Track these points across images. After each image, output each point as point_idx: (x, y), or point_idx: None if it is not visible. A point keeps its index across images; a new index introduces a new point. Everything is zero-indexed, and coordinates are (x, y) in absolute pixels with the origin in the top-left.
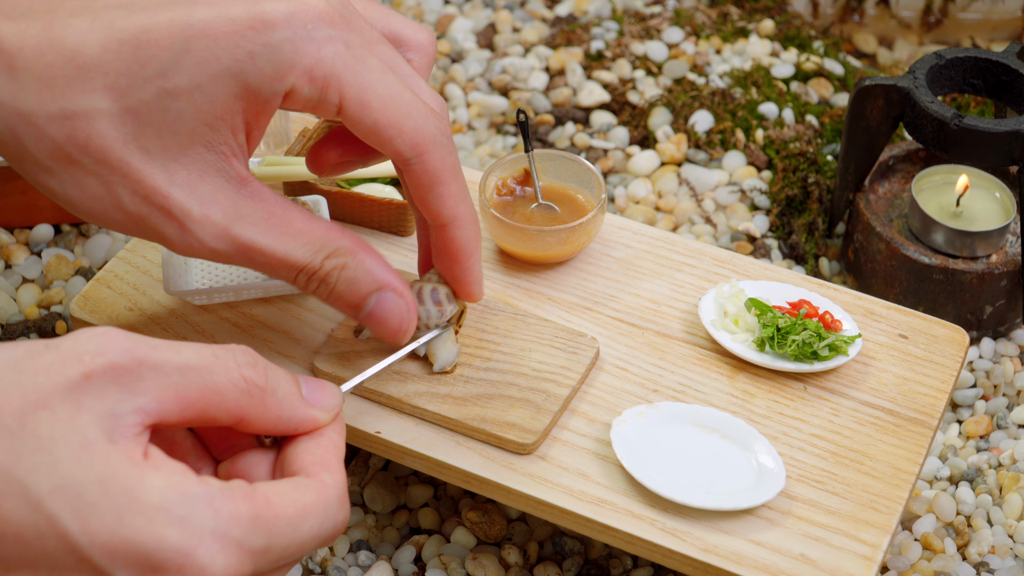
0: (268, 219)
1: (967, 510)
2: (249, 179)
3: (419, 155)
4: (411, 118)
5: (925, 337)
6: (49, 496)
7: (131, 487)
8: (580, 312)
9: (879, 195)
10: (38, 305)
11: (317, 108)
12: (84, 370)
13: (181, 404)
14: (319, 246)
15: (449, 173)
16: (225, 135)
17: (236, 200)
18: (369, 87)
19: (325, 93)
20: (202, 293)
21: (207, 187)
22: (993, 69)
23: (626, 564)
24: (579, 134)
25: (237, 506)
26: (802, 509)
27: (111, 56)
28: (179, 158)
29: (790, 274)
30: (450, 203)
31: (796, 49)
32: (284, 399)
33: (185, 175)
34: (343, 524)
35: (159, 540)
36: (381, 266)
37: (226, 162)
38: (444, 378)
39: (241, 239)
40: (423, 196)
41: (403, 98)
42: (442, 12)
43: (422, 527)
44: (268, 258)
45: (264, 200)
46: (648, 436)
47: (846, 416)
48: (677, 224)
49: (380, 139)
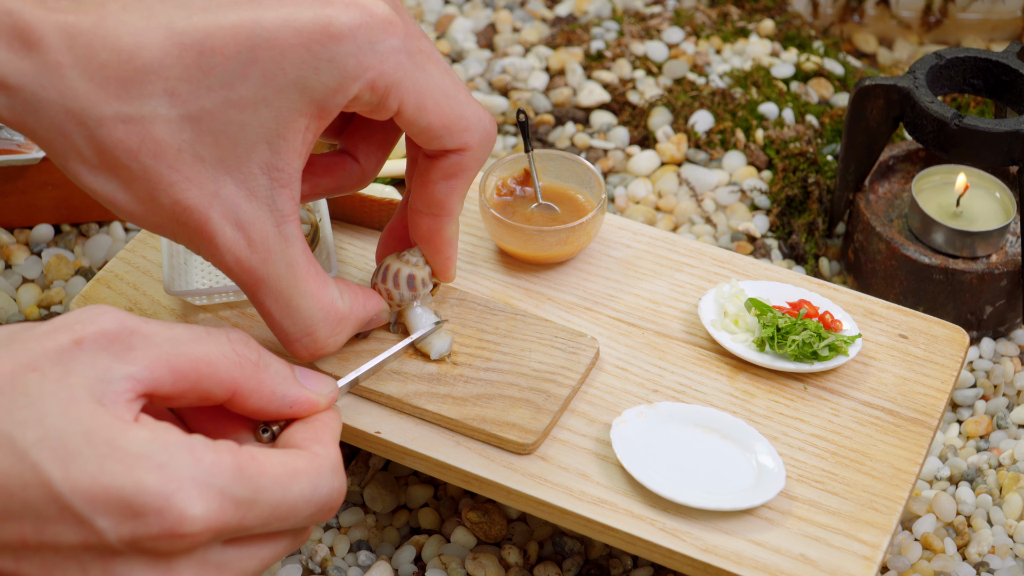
0: (291, 267)
1: (967, 510)
2: (291, 219)
3: (461, 151)
4: (464, 119)
5: (925, 337)
6: (34, 447)
7: (114, 437)
8: (580, 312)
9: (879, 195)
10: (38, 305)
11: (374, 112)
12: (75, 336)
13: (173, 374)
14: (322, 318)
15: (473, 172)
16: (283, 160)
17: (272, 237)
18: (427, 92)
19: (385, 101)
20: (202, 294)
21: (250, 211)
22: (993, 69)
23: (626, 564)
24: (579, 134)
25: (220, 456)
26: (802, 509)
27: (172, 60)
28: (232, 172)
29: (790, 274)
30: (455, 198)
31: (796, 49)
32: (277, 375)
33: (232, 191)
34: (340, 493)
35: (138, 485)
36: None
37: (276, 192)
38: (444, 378)
39: (259, 277)
40: (436, 183)
41: (457, 99)
42: (442, 12)
43: (422, 527)
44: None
45: (294, 247)
46: (648, 436)
47: (846, 416)
48: (677, 224)
49: (430, 138)
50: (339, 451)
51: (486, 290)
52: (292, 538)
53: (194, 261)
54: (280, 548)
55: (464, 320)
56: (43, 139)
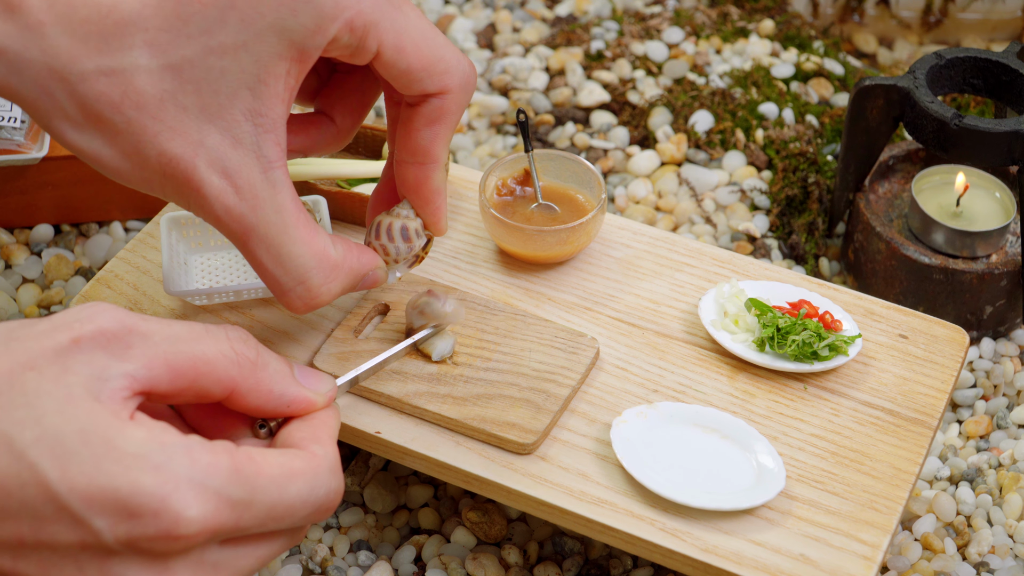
0: (280, 214)
1: (967, 510)
2: (278, 164)
3: (442, 94)
4: (443, 61)
5: (925, 337)
6: (31, 446)
7: (111, 437)
8: (580, 312)
9: (879, 195)
10: (38, 305)
11: (353, 56)
12: (73, 335)
13: (171, 372)
14: (315, 266)
15: (455, 117)
16: (266, 104)
17: (260, 184)
18: (405, 33)
19: (364, 41)
20: (202, 294)
21: (236, 159)
22: (993, 69)
23: (626, 564)
24: (579, 134)
25: (217, 457)
26: (802, 509)
27: (151, 11)
28: (215, 120)
29: (790, 274)
30: (439, 144)
31: (796, 49)
32: (276, 374)
33: (218, 140)
34: (337, 493)
35: (134, 486)
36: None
37: (262, 138)
38: (444, 378)
39: (249, 225)
40: (419, 130)
41: (436, 42)
42: (442, 12)
43: (422, 527)
44: (265, 257)
45: (283, 194)
46: (648, 436)
47: (846, 416)
48: (677, 224)
49: (409, 80)
50: (337, 450)
51: (486, 290)
52: (288, 537)
53: (194, 261)
54: (276, 547)
55: (464, 320)
56: (27, 100)
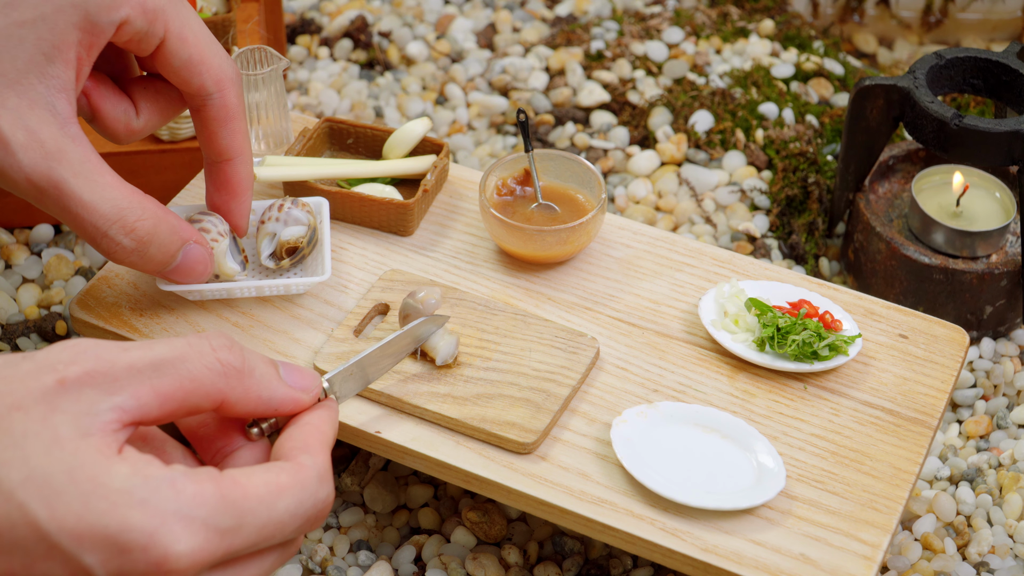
0: (85, 163)
1: (967, 510)
2: (72, 121)
3: (220, 91)
4: (218, 56)
5: (925, 337)
6: (20, 487)
7: (97, 475)
8: (580, 312)
9: (879, 195)
10: (38, 305)
11: (142, 41)
12: (58, 376)
13: (159, 398)
14: (127, 204)
15: (241, 111)
16: (58, 68)
17: (59, 137)
18: (187, 24)
19: (153, 25)
20: (194, 291)
21: (34, 118)
22: (993, 69)
23: (626, 564)
24: (579, 134)
25: (201, 487)
26: (802, 509)
27: None
28: (13, 86)
29: (790, 274)
30: (239, 139)
31: (796, 49)
32: (262, 379)
33: (16, 102)
34: (326, 503)
35: (123, 522)
36: (181, 223)
37: (54, 96)
38: (444, 378)
39: (56, 178)
40: (216, 131)
41: (210, 38)
42: (442, 12)
43: (422, 527)
44: (78, 205)
45: (83, 146)
46: (648, 436)
47: (846, 416)
48: (677, 224)
49: (190, 72)
50: (327, 457)
51: (486, 290)
52: (280, 552)
53: None
54: (268, 563)
55: (464, 320)
56: None
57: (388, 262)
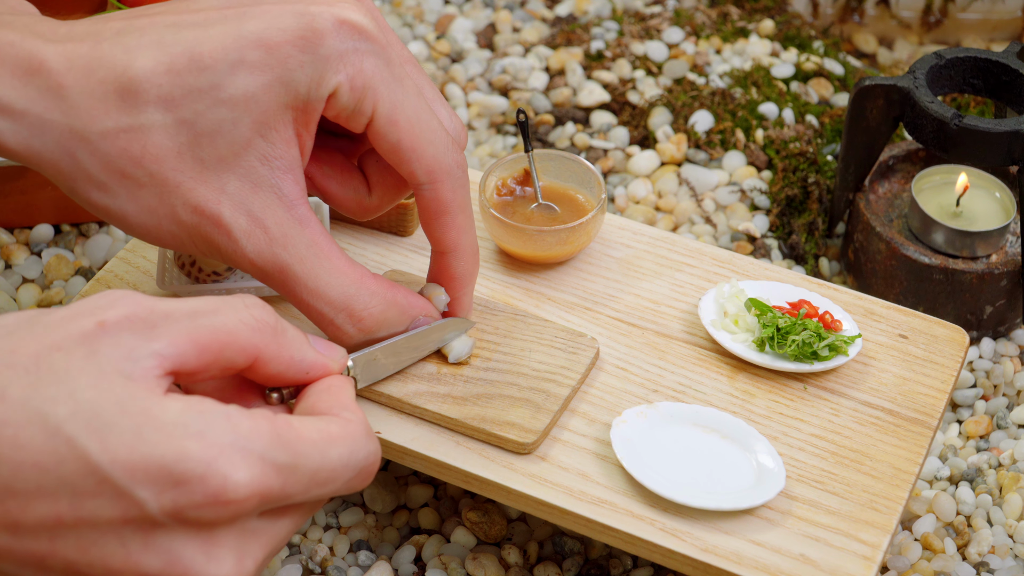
0: (311, 247)
1: (967, 510)
2: (300, 202)
3: (432, 183)
4: (432, 144)
5: (925, 337)
6: (67, 421)
7: (149, 407)
8: (580, 312)
9: (879, 195)
10: (38, 305)
11: (351, 118)
12: (98, 319)
13: (196, 347)
14: (355, 291)
15: (457, 206)
16: (278, 147)
17: (285, 222)
18: (400, 106)
19: (360, 104)
20: (192, 291)
21: (258, 202)
22: (993, 69)
23: (626, 564)
24: (579, 134)
25: (257, 423)
26: (802, 509)
27: (163, 68)
28: (233, 168)
29: (790, 274)
30: (452, 234)
31: (796, 49)
32: (295, 340)
33: (238, 186)
34: (375, 457)
35: (179, 452)
36: (410, 298)
37: (279, 178)
38: (444, 378)
39: (282, 263)
40: (428, 221)
41: (429, 124)
42: (442, 12)
43: (422, 527)
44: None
45: (311, 228)
46: (648, 436)
47: (846, 416)
48: (677, 224)
49: (399, 159)
50: (364, 413)
51: (486, 290)
52: (309, 508)
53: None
54: (300, 518)
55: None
56: (49, 163)
57: (388, 262)
